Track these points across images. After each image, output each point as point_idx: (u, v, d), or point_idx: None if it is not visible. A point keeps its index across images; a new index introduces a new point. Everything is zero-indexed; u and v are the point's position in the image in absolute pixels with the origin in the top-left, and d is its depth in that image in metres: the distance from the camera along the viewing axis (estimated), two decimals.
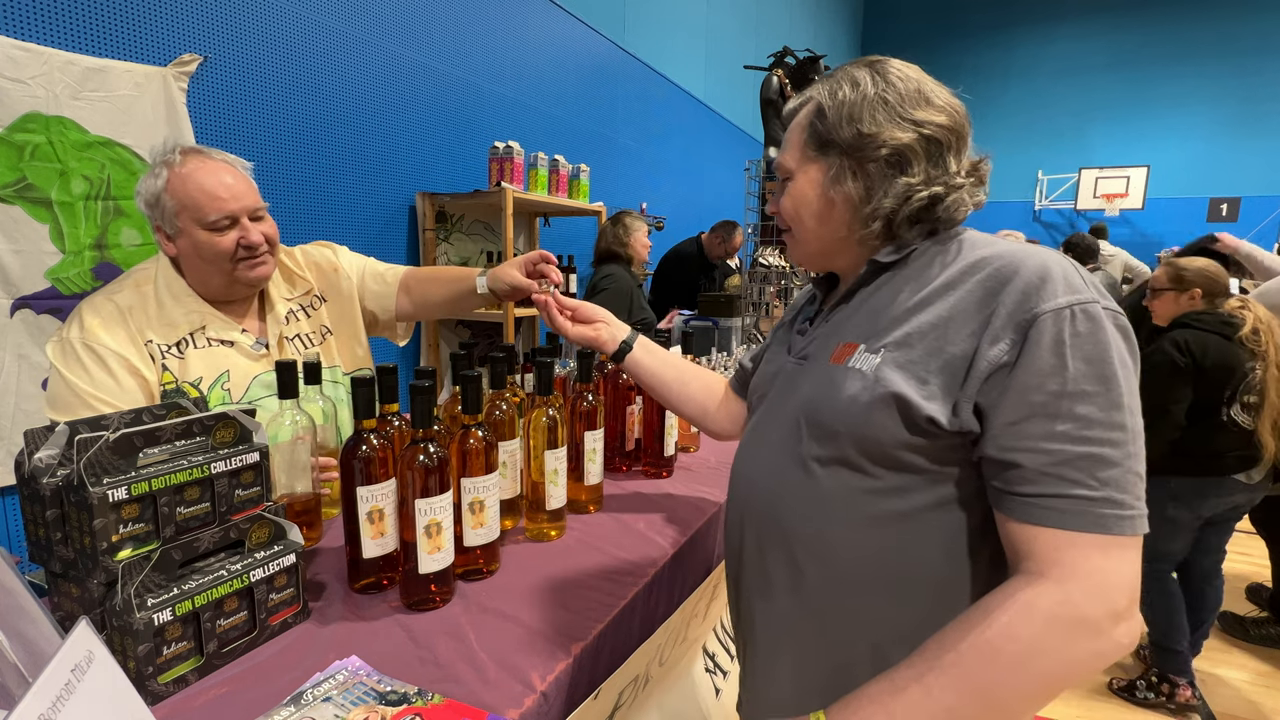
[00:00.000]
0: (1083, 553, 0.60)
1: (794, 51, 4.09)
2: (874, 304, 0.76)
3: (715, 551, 1.29)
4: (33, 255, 1.64)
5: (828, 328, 0.81)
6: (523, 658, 0.79)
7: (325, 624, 0.86)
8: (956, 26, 10.30)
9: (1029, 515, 0.62)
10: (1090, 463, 0.60)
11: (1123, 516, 0.59)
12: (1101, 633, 0.59)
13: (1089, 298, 0.62)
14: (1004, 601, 0.61)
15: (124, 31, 1.78)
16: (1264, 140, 8.95)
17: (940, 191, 0.73)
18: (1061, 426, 0.60)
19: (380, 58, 2.59)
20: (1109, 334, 0.61)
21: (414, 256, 2.86)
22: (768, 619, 0.81)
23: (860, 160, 0.74)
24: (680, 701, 1.12)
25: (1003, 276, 0.66)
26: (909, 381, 0.67)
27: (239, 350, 1.23)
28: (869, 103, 0.73)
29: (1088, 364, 0.60)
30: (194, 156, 1.16)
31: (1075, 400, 0.60)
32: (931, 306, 0.69)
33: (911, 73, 0.76)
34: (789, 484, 0.77)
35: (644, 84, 4.62)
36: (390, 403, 0.95)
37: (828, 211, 0.79)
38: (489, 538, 0.97)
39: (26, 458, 0.75)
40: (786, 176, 0.83)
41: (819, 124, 0.77)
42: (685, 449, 1.64)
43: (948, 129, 0.73)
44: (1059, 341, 0.61)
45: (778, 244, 3.98)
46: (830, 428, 0.72)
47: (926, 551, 0.70)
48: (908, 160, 0.73)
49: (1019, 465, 0.62)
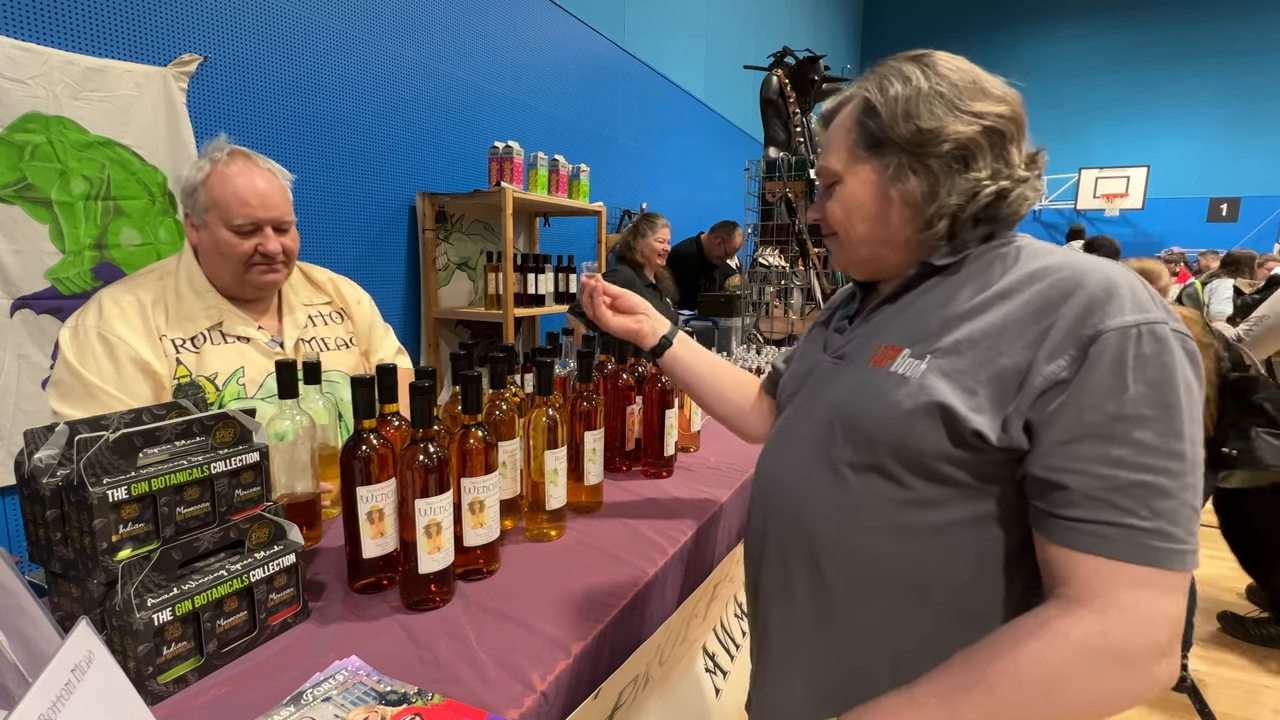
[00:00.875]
0: (1127, 584, 0.57)
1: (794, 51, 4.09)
2: (921, 307, 0.72)
3: (715, 552, 1.29)
4: (33, 255, 1.64)
5: (868, 328, 0.78)
6: (523, 658, 0.79)
7: (325, 624, 0.86)
8: (956, 26, 10.31)
9: (1072, 540, 0.59)
10: (1144, 491, 0.57)
11: (1174, 550, 0.57)
12: (1138, 668, 0.57)
13: (1157, 318, 0.59)
14: (1037, 626, 0.59)
15: (124, 31, 1.78)
16: (1264, 140, 8.96)
17: (1007, 186, 0.69)
18: (1116, 451, 0.57)
19: (380, 58, 2.59)
20: (1175, 357, 0.58)
21: (414, 256, 2.86)
22: (785, 621, 0.80)
23: (921, 157, 0.70)
24: (680, 701, 1.12)
25: (1065, 288, 0.62)
26: (956, 391, 0.64)
27: (255, 346, 1.25)
28: (924, 97, 0.69)
29: (1150, 387, 0.57)
30: (240, 159, 1.20)
31: (1133, 424, 0.57)
32: (985, 314, 0.66)
33: (962, 64, 0.72)
34: (817, 487, 0.74)
35: (644, 84, 4.62)
36: (390, 403, 0.95)
37: (884, 213, 0.74)
38: (489, 538, 0.97)
39: (26, 458, 0.75)
40: (833, 181, 0.78)
41: (870, 122, 0.73)
42: (685, 449, 1.64)
43: (1009, 119, 0.69)
44: (1121, 361, 0.57)
45: (778, 244, 3.98)
46: (867, 433, 0.69)
47: (957, 567, 0.67)
48: (972, 154, 0.69)
49: (1066, 487, 0.59)
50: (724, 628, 1.36)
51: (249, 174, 1.19)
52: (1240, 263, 4.41)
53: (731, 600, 1.40)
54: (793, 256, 3.95)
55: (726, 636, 1.35)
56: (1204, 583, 3.05)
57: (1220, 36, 9.04)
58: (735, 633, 1.39)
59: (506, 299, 2.79)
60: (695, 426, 1.66)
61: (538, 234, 3.55)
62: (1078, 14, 9.69)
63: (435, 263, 2.91)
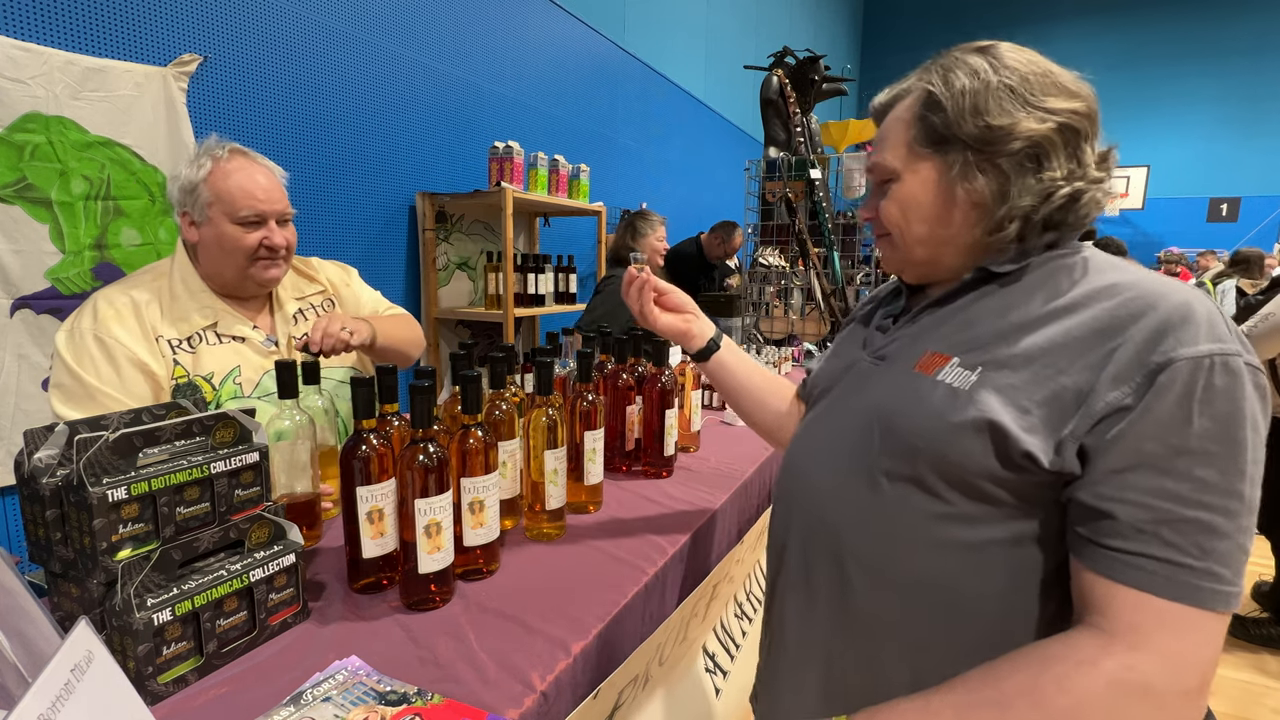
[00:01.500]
0: (1166, 622, 0.55)
1: (794, 51, 4.09)
2: (974, 314, 0.69)
3: (715, 551, 1.29)
4: (33, 255, 1.64)
5: (914, 330, 0.75)
6: (523, 658, 0.79)
7: (325, 624, 0.86)
8: (956, 26, 10.31)
9: (1114, 571, 0.57)
10: (1198, 530, 0.54)
11: (1218, 592, 0.54)
12: (1164, 709, 0.55)
13: (1233, 350, 0.56)
14: (1065, 651, 0.57)
15: (124, 31, 1.78)
16: (1264, 140, 8.96)
17: (1081, 187, 0.65)
18: (1174, 485, 0.55)
19: (380, 58, 2.59)
20: (1246, 392, 0.55)
21: (414, 256, 2.86)
22: (804, 622, 0.78)
23: (990, 155, 0.66)
24: (680, 701, 1.12)
25: (1135, 309, 0.59)
26: (1008, 409, 0.61)
27: (250, 345, 1.25)
28: (994, 91, 0.65)
29: (1216, 423, 0.55)
30: (240, 156, 1.22)
31: (1195, 460, 0.55)
32: (1045, 328, 0.63)
33: (1033, 56, 0.68)
34: (850, 491, 0.72)
35: (644, 84, 4.62)
36: (390, 402, 0.95)
37: (947, 213, 0.70)
38: (489, 538, 0.97)
39: (26, 458, 0.75)
40: (888, 178, 0.74)
41: (932, 116, 0.68)
42: (685, 449, 1.64)
43: (1083, 115, 0.65)
44: (1189, 393, 0.55)
45: (778, 244, 3.98)
46: (907, 442, 0.67)
47: (990, 587, 0.65)
48: (1046, 153, 0.65)
49: (1114, 516, 0.57)
50: (724, 627, 1.36)
51: (250, 169, 1.21)
52: (1250, 262, 4.38)
53: (731, 600, 1.40)
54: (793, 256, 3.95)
55: (726, 636, 1.35)
56: None
57: (1220, 36, 9.04)
58: (735, 633, 1.39)
59: (506, 299, 2.79)
60: (695, 426, 1.66)
61: (538, 234, 3.55)
62: (1077, 14, 9.70)
63: (435, 263, 2.91)
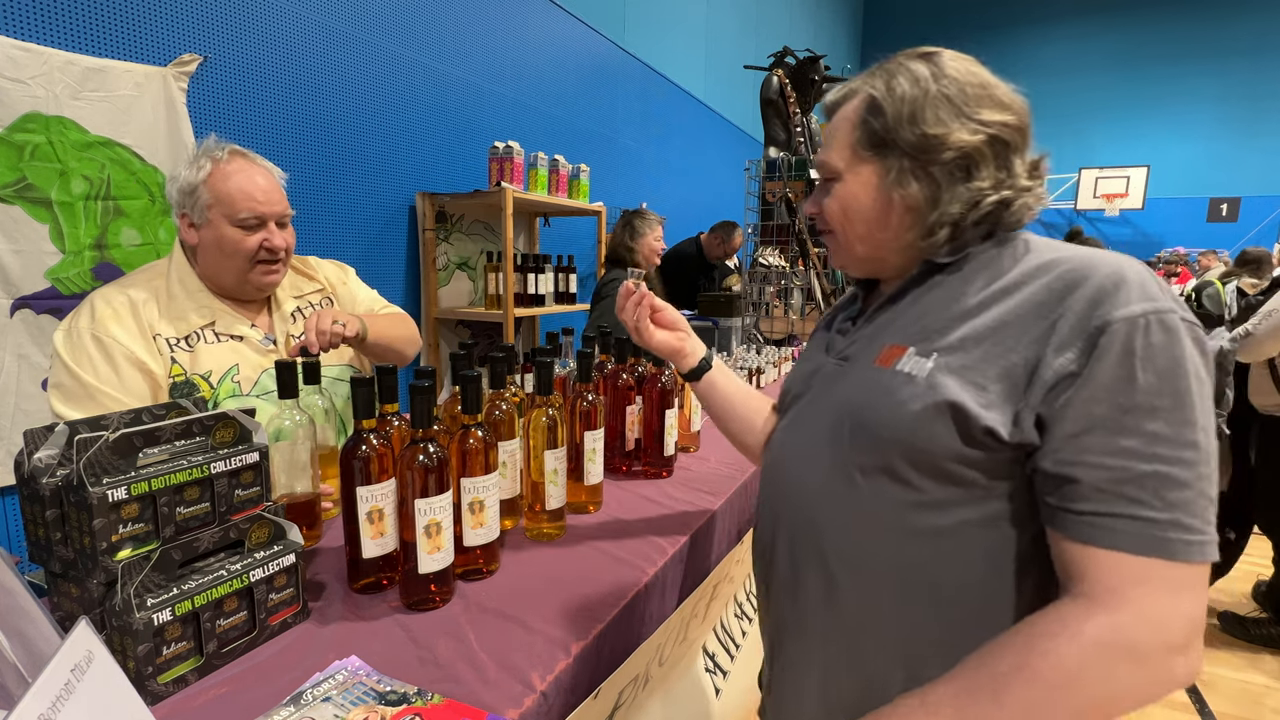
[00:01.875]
0: (1140, 578, 0.56)
1: (794, 51, 4.09)
2: (925, 305, 0.72)
3: (715, 552, 1.29)
4: (33, 255, 1.64)
5: (871, 328, 0.77)
6: (523, 658, 0.79)
7: (325, 624, 0.86)
8: (956, 26, 10.32)
9: (1084, 534, 0.58)
10: (1157, 482, 0.56)
11: (1190, 542, 0.55)
12: (1152, 665, 0.56)
13: (1166, 306, 0.58)
14: (1050, 624, 0.58)
15: (124, 31, 1.78)
16: (1264, 140, 8.96)
17: (1009, 195, 0.68)
18: (1127, 442, 0.57)
19: (380, 58, 2.59)
20: (1185, 346, 0.57)
21: (414, 256, 2.86)
22: (799, 626, 0.79)
23: (924, 163, 0.69)
24: (680, 701, 1.12)
25: (1072, 280, 0.62)
26: (966, 388, 0.62)
27: (248, 344, 1.25)
28: (932, 100, 0.68)
29: (1160, 377, 0.56)
30: (239, 158, 1.22)
31: (1144, 415, 0.56)
32: (991, 309, 0.65)
33: (972, 66, 0.70)
34: (827, 491, 0.73)
35: (644, 84, 4.62)
36: (390, 403, 0.95)
37: (884, 216, 0.73)
38: (489, 538, 0.97)
39: (26, 458, 0.75)
40: (832, 176, 0.76)
41: (873, 120, 0.71)
42: (685, 449, 1.64)
43: (1015, 128, 0.68)
44: (1129, 351, 0.57)
45: (778, 244, 3.98)
46: (876, 434, 0.68)
47: (970, 568, 0.66)
48: (975, 163, 0.68)
49: (1077, 480, 0.58)
50: (724, 628, 1.36)
51: (250, 171, 1.21)
52: (1261, 261, 4.39)
53: (731, 600, 1.40)
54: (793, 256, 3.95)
55: (726, 636, 1.35)
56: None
57: (1220, 36, 9.04)
58: (735, 633, 1.39)
59: (506, 299, 2.79)
60: (695, 427, 1.66)
61: (538, 234, 3.55)
62: (1077, 14, 9.70)
63: (435, 263, 2.91)
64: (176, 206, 1.21)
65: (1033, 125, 0.71)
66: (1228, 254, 7.00)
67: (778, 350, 2.79)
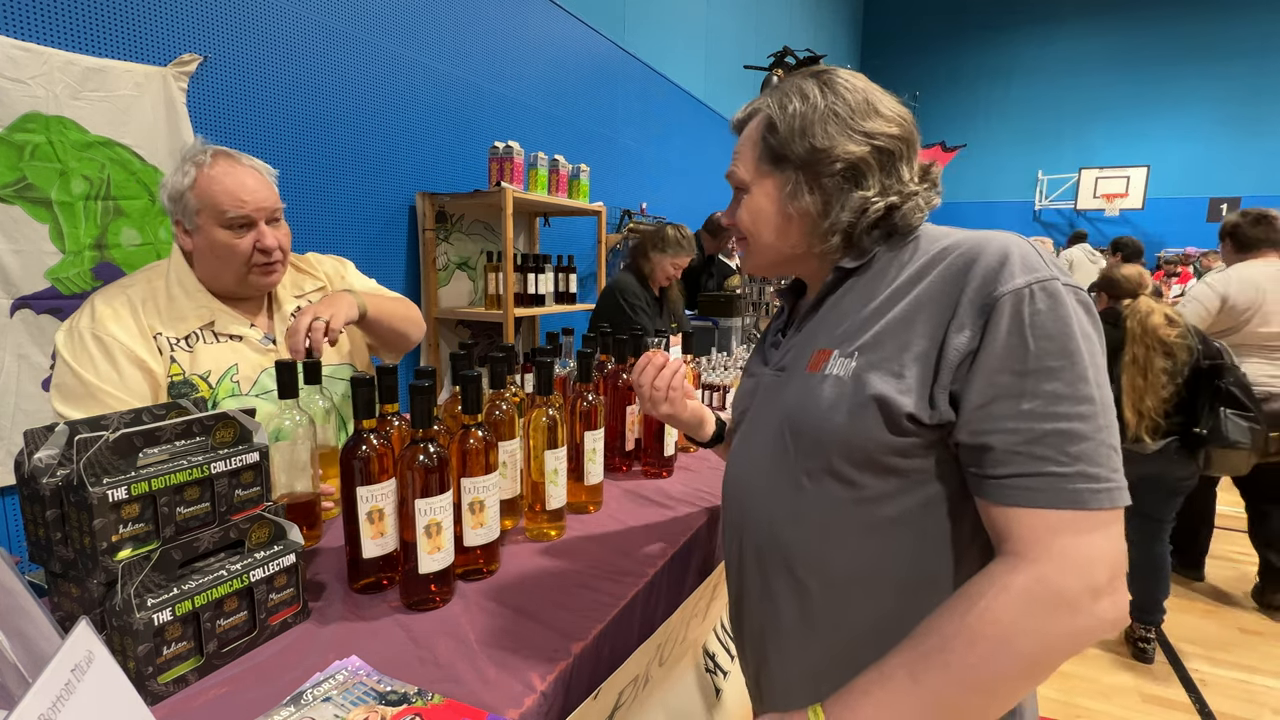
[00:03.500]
0: (1057, 529, 0.59)
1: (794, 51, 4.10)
2: (842, 309, 0.76)
3: (715, 552, 1.29)
4: (33, 255, 1.64)
5: (801, 337, 0.81)
6: (523, 658, 0.79)
7: (325, 624, 0.86)
8: (956, 27, 10.31)
9: (1004, 497, 0.62)
10: (1059, 438, 0.59)
11: (1097, 490, 0.59)
12: (1080, 609, 0.59)
13: (1046, 275, 0.62)
14: (984, 585, 0.62)
15: (124, 31, 1.78)
16: (1264, 140, 8.95)
17: (896, 201, 0.74)
18: (1027, 405, 0.60)
19: (380, 58, 2.59)
20: (1068, 309, 0.61)
21: (414, 256, 2.86)
22: (777, 632, 0.80)
23: (815, 175, 0.74)
24: (680, 701, 1.12)
25: (963, 264, 0.66)
26: (886, 379, 0.67)
27: (248, 344, 1.25)
28: (820, 115, 0.73)
29: (1050, 340, 0.60)
30: (223, 160, 1.19)
31: (1039, 378, 0.60)
32: (899, 303, 0.69)
33: (859, 83, 0.76)
34: (782, 501, 0.76)
35: (644, 84, 4.62)
36: (390, 403, 0.95)
37: (785, 226, 0.79)
38: (489, 538, 0.97)
39: (26, 458, 0.75)
40: (741, 188, 0.82)
41: (770, 138, 0.77)
42: (685, 449, 1.64)
43: (898, 139, 0.74)
44: (1019, 320, 0.61)
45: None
46: (815, 438, 0.72)
47: (925, 553, 0.69)
48: (862, 173, 0.73)
49: (991, 448, 0.62)
50: (724, 627, 1.36)
51: (235, 172, 1.19)
52: None
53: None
54: None
55: (726, 637, 1.35)
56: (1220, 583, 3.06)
57: (1220, 36, 9.03)
58: None
59: (506, 299, 2.79)
60: None
61: (538, 234, 3.55)
62: (1078, 14, 9.69)
63: (435, 263, 2.91)
64: (169, 214, 1.20)
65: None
66: None
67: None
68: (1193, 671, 2.44)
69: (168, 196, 1.19)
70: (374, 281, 1.54)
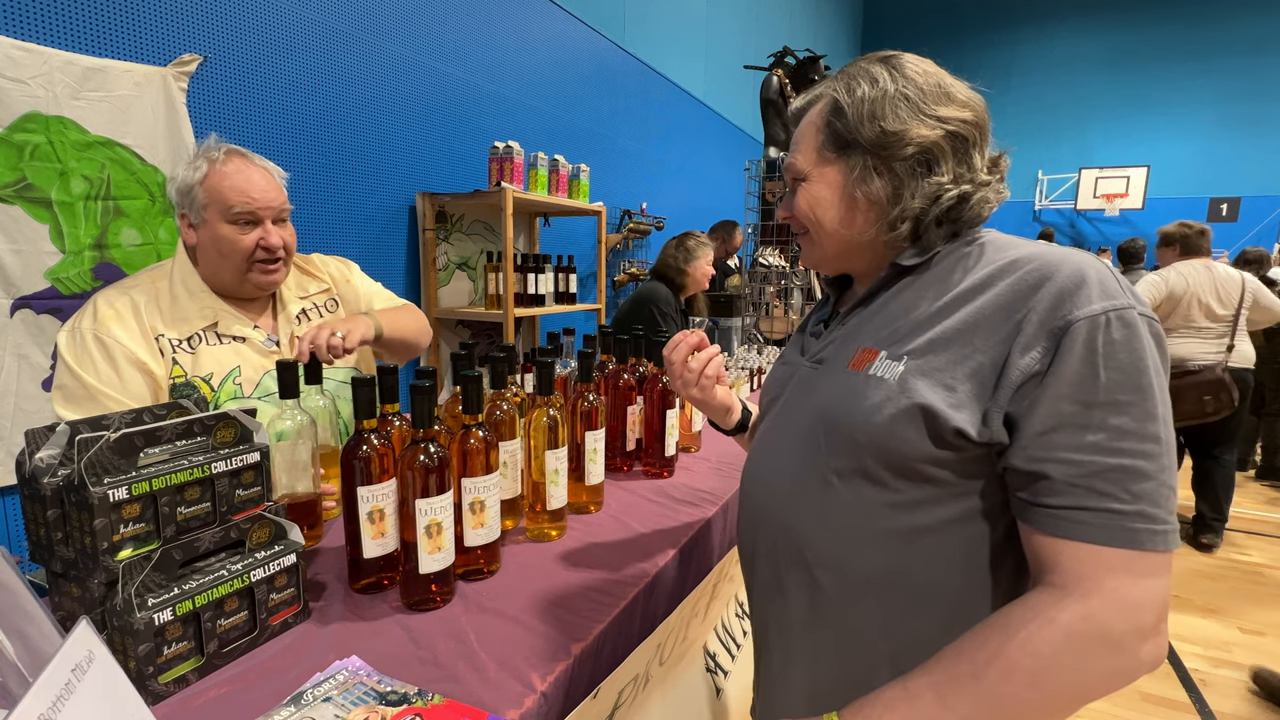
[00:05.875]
0: (1111, 568, 0.58)
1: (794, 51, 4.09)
2: (894, 309, 0.73)
3: (716, 551, 1.29)
4: (33, 255, 1.64)
5: (844, 331, 0.78)
6: (523, 658, 0.79)
7: (325, 624, 0.86)
8: (956, 26, 10.31)
9: (1055, 528, 0.60)
10: (1123, 475, 0.58)
11: (1155, 531, 0.57)
12: (1125, 651, 0.57)
13: (1125, 303, 0.60)
14: (1025, 615, 0.60)
15: (124, 31, 1.78)
16: (1264, 140, 8.94)
17: (968, 190, 0.70)
18: (1093, 437, 0.58)
19: (380, 58, 2.58)
20: (1144, 341, 0.59)
21: (414, 256, 2.86)
22: (783, 626, 0.80)
23: (885, 159, 0.71)
24: (680, 701, 1.12)
25: (1034, 280, 0.63)
26: (935, 390, 0.64)
27: (251, 345, 1.25)
28: (890, 99, 0.70)
29: (1122, 373, 0.58)
30: (236, 158, 1.21)
31: (1108, 411, 0.58)
32: (958, 311, 0.66)
33: (929, 67, 0.73)
34: (806, 495, 0.74)
35: (644, 84, 4.62)
36: (390, 403, 0.95)
37: (850, 213, 0.75)
38: (489, 538, 0.97)
39: (27, 458, 0.75)
40: (799, 178, 0.79)
41: (836, 122, 0.73)
42: (686, 449, 1.64)
43: (972, 124, 0.71)
44: (1092, 349, 0.58)
45: (778, 244, 3.98)
46: (850, 438, 0.69)
47: (947, 564, 0.68)
48: (935, 158, 0.70)
49: (1047, 476, 0.60)
50: (724, 627, 1.36)
51: (246, 171, 1.20)
52: (1261, 261, 4.45)
53: (732, 600, 1.40)
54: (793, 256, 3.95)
55: (727, 636, 1.35)
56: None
57: (1220, 36, 9.03)
58: (736, 632, 1.39)
59: (506, 299, 2.79)
60: (696, 427, 1.66)
61: (538, 234, 3.54)
62: (1078, 14, 9.69)
63: (435, 263, 2.91)
64: (176, 207, 1.21)
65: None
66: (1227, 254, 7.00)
67: (778, 350, 2.79)
68: (1193, 672, 2.45)
69: (176, 189, 1.19)
70: (379, 284, 1.54)
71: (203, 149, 1.21)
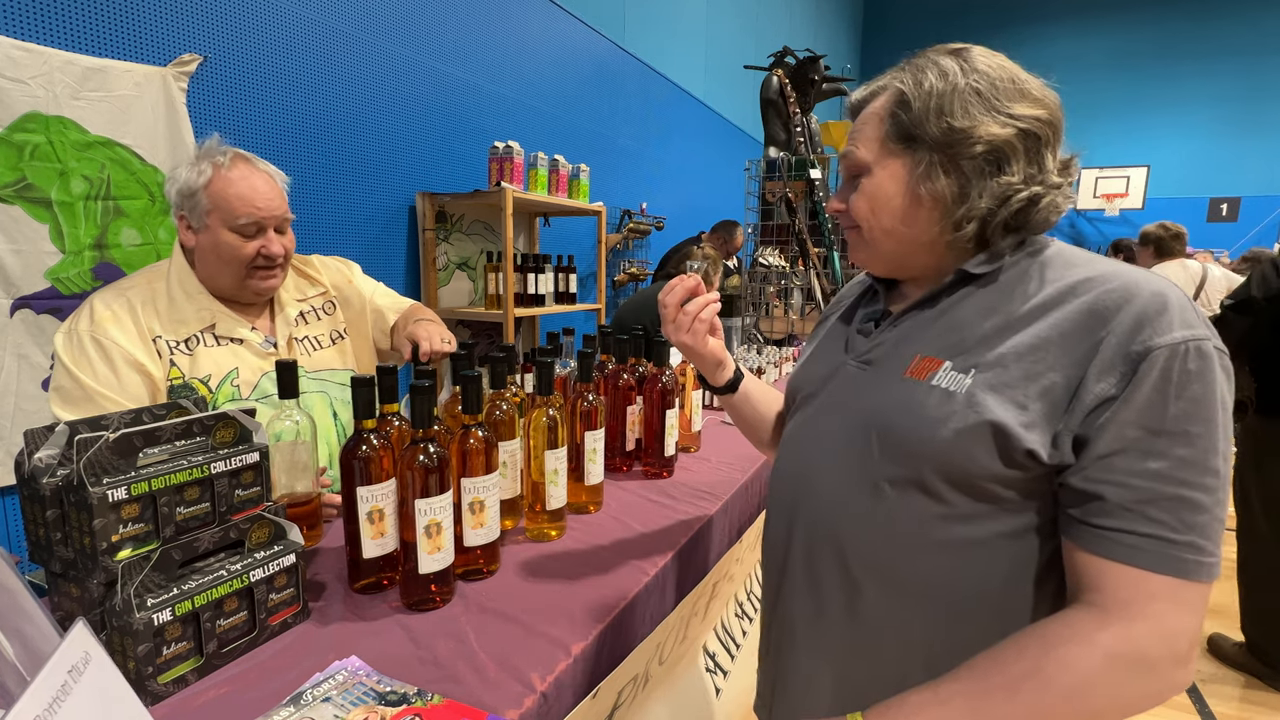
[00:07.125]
0: (1156, 594, 0.58)
1: (794, 51, 4.10)
2: (957, 317, 0.70)
3: (715, 551, 1.29)
4: (33, 255, 1.64)
5: (897, 334, 0.75)
6: (523, 658, 0.79)
7: (325, 624, 0.86)
8: (956, 26, 10.30)
9: (1105, 549, 0.59)
10: (1179, 505, 0.57)
11: (1202, 563, 0.58)
12: (1159, 675, 0.58)
13: (1203, 334, 0.59)
14: (1063, 632, 0.60)
15: (124, 31, 1.78)
16: (1264, 140, 8.94)
17: (1039, 191, 0.67)
18: (1155, 464, 0.58)
19: (380, 58, 2.58)
20: (1216, 374, 0.58)
21: (414, 256, 2.86)
22: (813, 629, 0.78)
23: (952, 156, 0.67)
24: (680, 701, 1.12)
25: (1114, 301, 0.61)
26: (1006, 407, 0.62)
27: (248, 347, 1.24)
28: (960, 94, 0.66)
29: (1193, 404, 0.57)
30: (242, 163, 1.20)
31: (1174, 441, 0.58)
32: (1030, 326, 0.64)
33: (1002, 60, 0.69)
34: (853, 500, 0.72)
35: (644, 84, 4.62)
36: (390, 403, 0.95)
37: (913, 211, 0.71)
38: (489, 538, 0.97)
39: (26, 458, 0.75)
40: (860, 172, 0.74)
41: (902, 115, 0.69)
42: (686, 449, 1.63)
43: (1046, 123, 0.67)
44: (1167, 378, 0.58)
45: (778, 244, 3.98)
46: (909, 449, 0.67)
47: (995, 577, 0.67)
48: (1006, 157, 0.66)
49: (1101, 498, 0.59)
50: (724, 627, 1.35)
51: (251, 178, 1.19)
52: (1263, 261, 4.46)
53: (731, 600, 1.40)
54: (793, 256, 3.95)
55: (727, 636, 1.35)
56: None
57: (1220, 36, 9.03)
58: (735, 632, 1.39)
59: (506, 299, 2.79)
60: (696, 427, 1.66)
61: (538, 234, 3.54)
62: (1078, 14, 9.69)
63: (435, 263, 2.91)
64: (175, 208, 1.20)
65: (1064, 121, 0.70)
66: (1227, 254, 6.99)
67: (778, 350, 2.78)
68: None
69: (177, 191, 1.18)
70: (382, 285, 1.53)
71: (205, 151, 1.20)
